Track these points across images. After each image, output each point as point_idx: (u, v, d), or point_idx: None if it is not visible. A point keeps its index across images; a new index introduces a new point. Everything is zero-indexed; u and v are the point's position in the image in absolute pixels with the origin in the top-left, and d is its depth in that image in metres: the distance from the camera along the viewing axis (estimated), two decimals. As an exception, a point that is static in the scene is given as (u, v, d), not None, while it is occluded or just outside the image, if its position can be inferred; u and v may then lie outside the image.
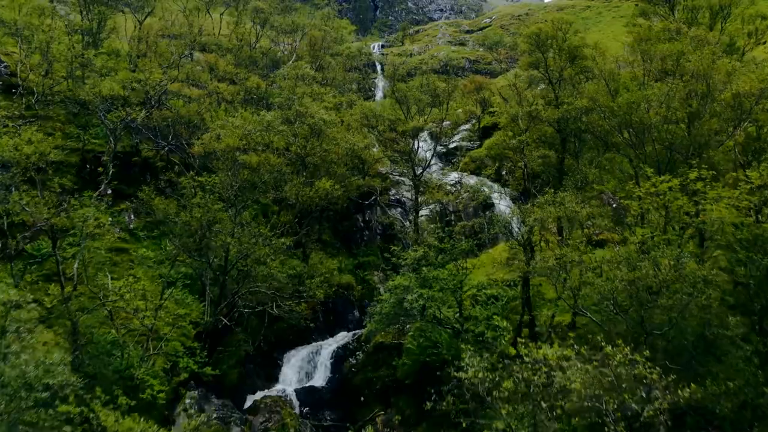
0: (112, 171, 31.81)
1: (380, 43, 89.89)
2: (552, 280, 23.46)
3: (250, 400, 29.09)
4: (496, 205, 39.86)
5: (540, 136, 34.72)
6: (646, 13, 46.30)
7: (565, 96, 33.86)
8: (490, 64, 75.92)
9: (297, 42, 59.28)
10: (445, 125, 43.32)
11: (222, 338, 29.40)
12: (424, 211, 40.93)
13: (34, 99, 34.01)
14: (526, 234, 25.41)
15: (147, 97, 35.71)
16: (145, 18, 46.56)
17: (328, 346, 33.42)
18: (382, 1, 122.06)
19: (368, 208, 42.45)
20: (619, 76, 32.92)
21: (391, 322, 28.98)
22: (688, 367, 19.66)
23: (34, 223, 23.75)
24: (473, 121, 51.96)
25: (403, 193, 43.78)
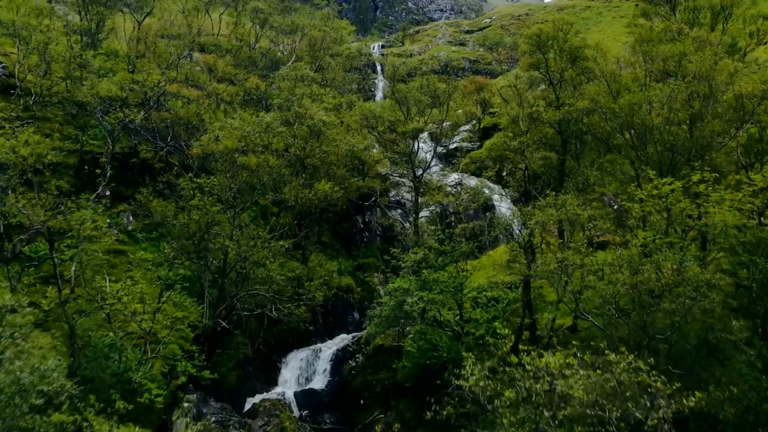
0: (110, 173, 31.64)
1: (380, 44, 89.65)
2: (553, 284, 23.27)
3: (249, 403, 28.90)
4: (497, 206, 39.68)
5: (541, 137, 34.52)
6: (647, 14, 46.08)
7: (566, 97, 33.68)
8: (491, 64, 75.72)
9: (297, 42, 59.05)
10: (445, 126, 43.11)
11: (221, 341, 29.19)
12: (425, 213, 40.73)
13: (32, 100, 33.78)
14: (527, 236, 25.23)
15: (146, 98, 35.53)
16: (144, 18, 46.37)
17: (328, 349, 33.26)
18: (382, 1, 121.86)
19: (368, 209, 42.25)
20: (621, 77, 32.71)
21: (391, 325, 28.86)
22: (691, 372, 19.51)
23: (31, 225, 23.56)
24: (473, 122, 51.79)
25: (403, 195, 43.59)
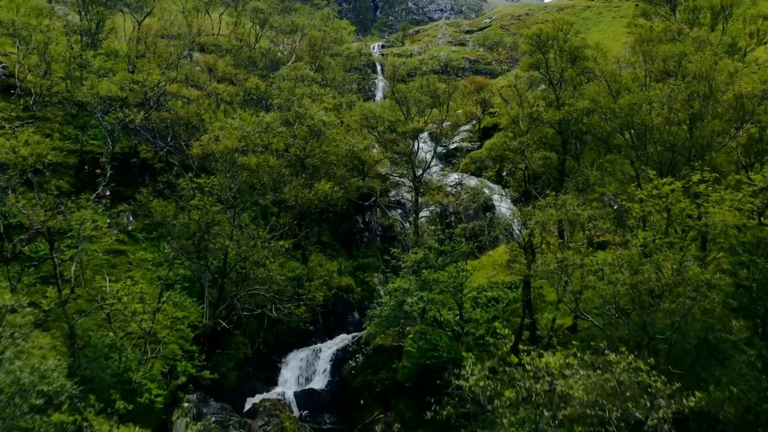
0: (110, 173, 31.64)
1: (380, 43, 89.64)
2: (553, 284, 23.27)
3: (249, 403, 28.91)
4: (497, 206, 39.68)
5: (541, 137, 34.51)
6: (647, 14, 46.09)
7: (566, 97, 33.68)
8: (491, 64, 75.71)
9: (297, 42, 59.02)
10: (445, 126, 43.11)
11: (221, 341, 29.18)
12: (425, 213, 40.74)
13: (32, 100, 33.78)
14: (526, 236, 25.22)
15: (146, 98, 35.54)
16: (144, 18, 46.35)
17: (328, 349, 33.26)
18: (382, 1, 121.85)
19: (368, 209, 42.25)
20: (621, 77, 32.70)
21: (391, 325, 28.86)
22: (691, 372, 19.51)
23: (31, 225, 23.55)
24: (473, 122, 51.80)
25: (403, 195, 43.59)
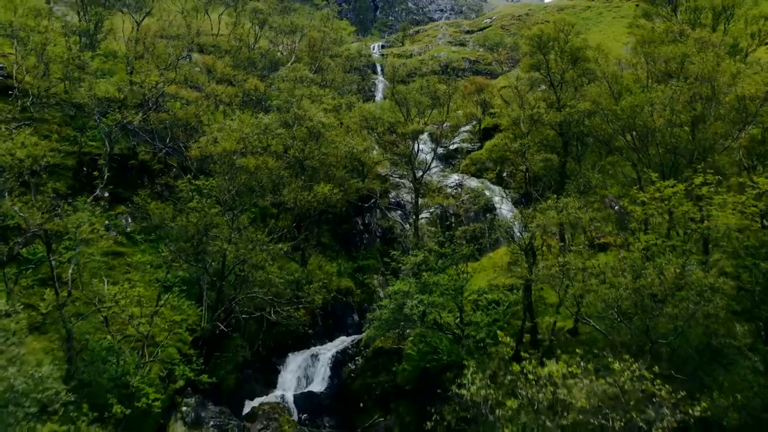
0: (108, 175, 31.47)
1: (380, 44, 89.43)
2: (555, 288, 23.07)
3: (248, 406, 28.72)
4: (498, 208, 39.50)
5: (542, 139, 34.32)
6: (648, 14, 45.90)
7: (566, 98, 33.50)
8: (491, 64, 75.50)
9: (296, 43, 58.80)
10: (445, 127, 42.93)
11: (219, 344, 28.97)
12: (425, 214, 40.56)
13: (30, 101, 33.58)
14: (528, 239, 25.03)
15: (144, 99, 35.35)
16: (142, 19, 46.11)
17: (327, 351, 33.06)
18: (382, 1, 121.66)
19: (368, 210, 42.08)
20: (622, 79, 32.50)
21: (391, 328, 28.70)
22: (694, 377, 19.30)
23: (28, 228, 23.33)
24: (474, 123, 51.62)
25: (403, 196, 43.41)
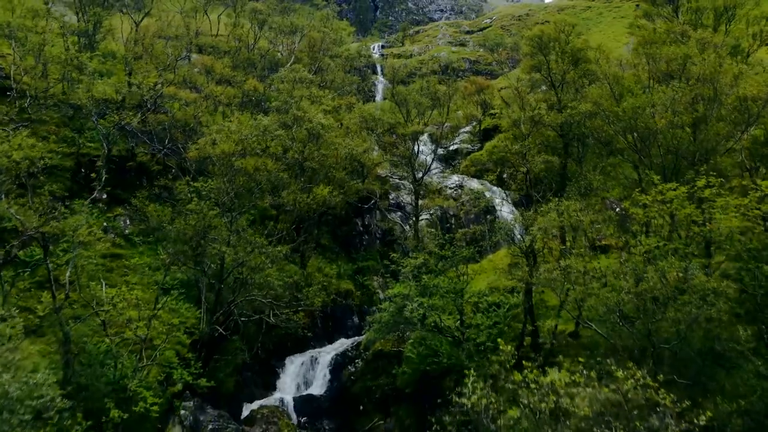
0: (106, 176, 31.30)
1: (380, 44, 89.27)
2: (556, 291, 22.89)
3: (247, 409, 28.55)
4: (498, 210, 39.33)
5: (542, 140, 34.10)
6: (649, 15, 45.71)
7: (567, 99, 33.29)
8: (491, 65, 75.42)
9: (296, 43, 58.60)
10: (445, 128, 42.78)
11: (218, 346, 28.79)
12: (425, 216, 40.39)
13: (28, 102, 33.41)
14: (528, 242, 24.84)
15: (143, 100, 35.16)
16: (141, 19, 45.90)
17: (327, 354, 32.92)
18: (382, 1, 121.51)
19: (368, 212, 41.93)
20: (623, 80, 32.30)
21: (391, 331, 28.50)
22: (696, 381, 19.12)
23: (25, 230, 23.14)
24: (474, 124, 51.47)
25: (403, 197, 43.25)
